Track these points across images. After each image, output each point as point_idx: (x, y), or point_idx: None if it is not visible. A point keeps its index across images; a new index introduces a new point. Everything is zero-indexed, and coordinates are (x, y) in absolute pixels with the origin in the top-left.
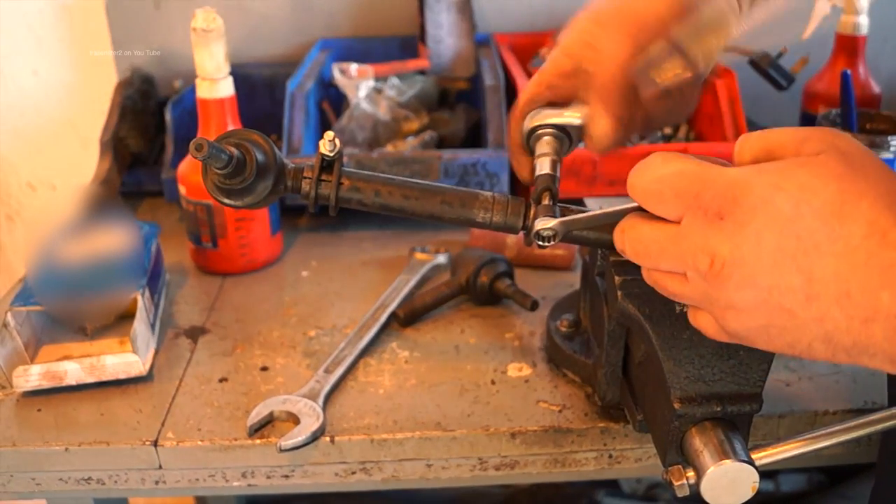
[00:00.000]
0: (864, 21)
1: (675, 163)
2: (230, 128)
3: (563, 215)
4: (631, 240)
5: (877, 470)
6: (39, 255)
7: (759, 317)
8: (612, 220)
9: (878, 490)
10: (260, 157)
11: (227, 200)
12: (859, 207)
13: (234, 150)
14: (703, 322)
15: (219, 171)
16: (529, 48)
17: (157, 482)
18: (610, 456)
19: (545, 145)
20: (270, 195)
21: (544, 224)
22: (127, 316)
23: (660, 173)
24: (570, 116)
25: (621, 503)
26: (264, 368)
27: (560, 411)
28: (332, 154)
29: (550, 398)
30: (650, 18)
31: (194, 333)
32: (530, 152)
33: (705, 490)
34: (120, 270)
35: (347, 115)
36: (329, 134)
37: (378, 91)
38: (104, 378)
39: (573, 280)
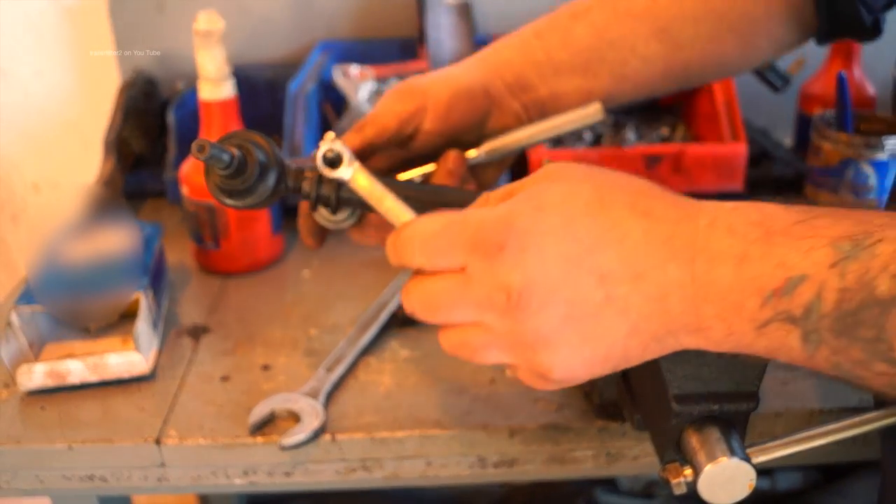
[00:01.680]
0: None
1: (435, 220)
2: (232, 129)
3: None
4: (420, 299)
5: (883, 467)
6: (43, 255)
7: (570, 336)
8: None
9: (886, 488)
10: (261, 157)
11: (229, 201)
12: (616, 196)
13: (236, 151)
14: (524, 376)
15: (221, 172)
16: None
17: (159, 480)
18: (608, 454)
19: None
20: (272, 196)
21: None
22: (130, 315)
23: (427, 232)
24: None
25: (619, 501)
26: (266, 367)
27: (558, 410)
28: (333, 172)
29: (549, 397)
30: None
31: (196, 332)
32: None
33: (702, 488)
34: (123, 270)
35: (348, 116)
36: (330, 134)
37: (379, 92)
38: (107, 377)
39: None
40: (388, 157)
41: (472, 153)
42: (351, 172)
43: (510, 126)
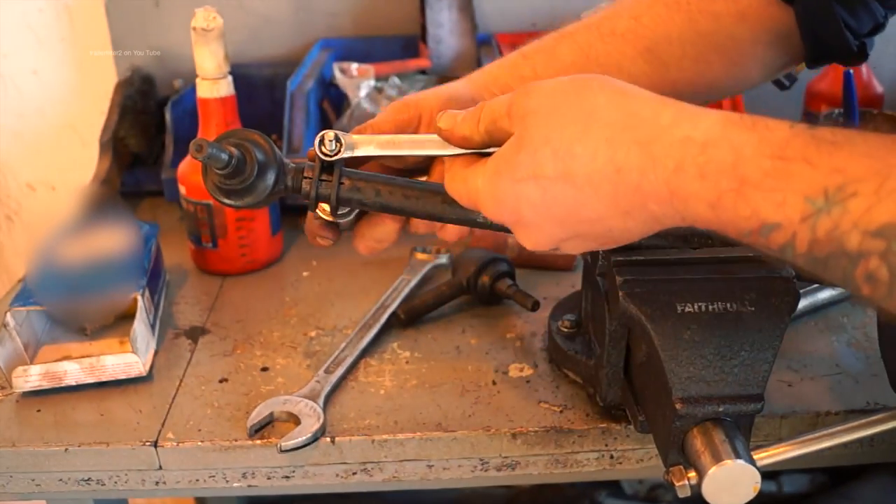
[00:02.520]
0: None
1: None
2: (230, 127)
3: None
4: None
5: None
6: (39, 256)
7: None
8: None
9: None
10: (260, 156)
11: (227, 200)
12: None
13: (234, 151)
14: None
15: (219, 172)
16: None
17: (157, 483)
18: (611, 456)
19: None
20: (271, 195)
21: (328, 135)
22: (127, 316)
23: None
24: None
25: None
26: (265, 369)
27: (561, 412)
28: (331, 155)
29: (552, 398)
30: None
31: (194, 334)
32: None
33: (707, 491)
34: (120, 270)
35: (348, 114)
36: (329, 133)
37: (379, 90)
38: (104, 378)
39: (574, 280)
40: (381, 168)
41: None
42: (353, 144)
43: None
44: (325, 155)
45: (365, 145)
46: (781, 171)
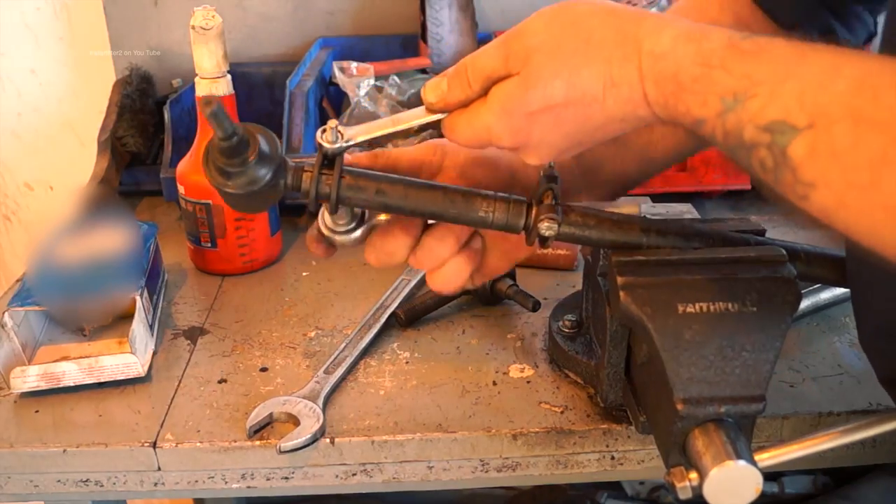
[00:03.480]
0: None
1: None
2: None
3: (566, 214)
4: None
5: None
6: (37, 256)
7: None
8: (615, 218)
9: None
10: (264, 146)
11: (226, 183)
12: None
13: (240, 129)
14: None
15: (220, 144)
16: None
17: (155, 484)
18: (612, 457)
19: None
20: (269, 188)
21: (547, 226)
22: (125, 316)
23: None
24: None
25: None
26: (264, 369)
27: (562, 412)
28: (333, 145)
29: (552, 399)
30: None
31: (193, 334)
32: None
33: (708, 492)
34: (118, 271)
35: (348, 113)
36: (332, 122)
37: (379, 89)
38: (102, 379)
39: (575, 280)
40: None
41: None
42: (353, 136)
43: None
44: (327, 144)
45: (363, 134)
46: (706, 77)
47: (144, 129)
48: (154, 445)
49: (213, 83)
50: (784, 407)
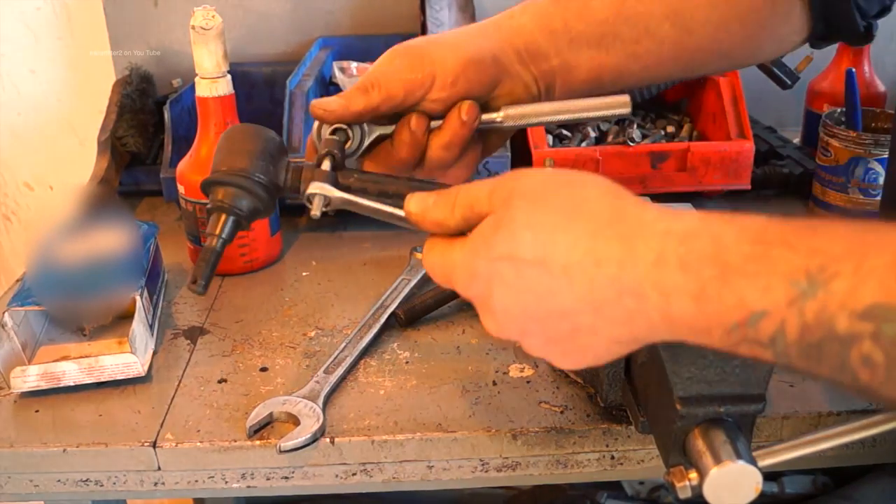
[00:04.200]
0: None
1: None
2: (229, 126)
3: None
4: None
5: None
6: (37, 256)
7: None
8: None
9: None
10: (246, 204)
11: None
12: (561, 238)
13: (226, 227)
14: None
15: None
16: None
17: (155, 484)
18: (612, 457)
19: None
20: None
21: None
22: (125, 316)
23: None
24: None
25: None
26: (264, 369)
27: (562, 412)
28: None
29: (552, 399)
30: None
31: (193, 334)
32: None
33: (708, 492)
34: (118, 270)
35: None
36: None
37: None
38: (102, 379)
39: None
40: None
41: (492, 115)
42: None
43: (518, 95)
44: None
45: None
46: (763, 256)
47: (144, 129)
48: (154, 445)
49: (213, 83)
50: (784, 406)
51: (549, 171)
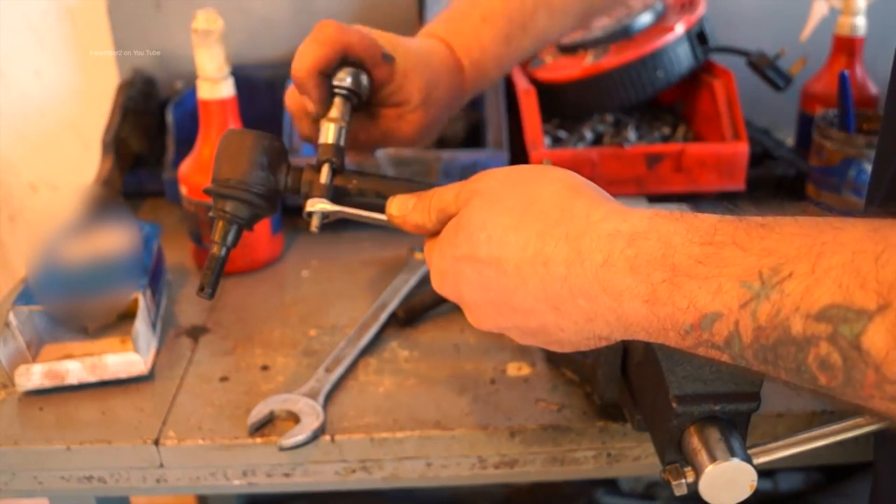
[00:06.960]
0: (861, 22)
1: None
2: (230, 127)
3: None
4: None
5: (875, 469)
6: (41, 256)
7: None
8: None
9: (877, 490)
10: (246, 213)
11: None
12: (512, 238)
13: (229, 235)
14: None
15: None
16: None
17: (158, 481)
18: (609, 455)
19: (335, 108)
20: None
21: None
22: (128, 315)
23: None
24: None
25: (620, 502)
26: (265, 367)
27: (559, 410)
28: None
29: (549, 397)
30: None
31: (195, 333)
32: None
33: (703, 489)
34: (121, 270)
35: None
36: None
37: None
38: (106, 377)
39: None
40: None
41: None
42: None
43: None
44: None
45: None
46: (713, 257)
47: (147, 130)
48: (157, 442)
49: (214, 85)
50: (779, 405)
51: (509, 169)
